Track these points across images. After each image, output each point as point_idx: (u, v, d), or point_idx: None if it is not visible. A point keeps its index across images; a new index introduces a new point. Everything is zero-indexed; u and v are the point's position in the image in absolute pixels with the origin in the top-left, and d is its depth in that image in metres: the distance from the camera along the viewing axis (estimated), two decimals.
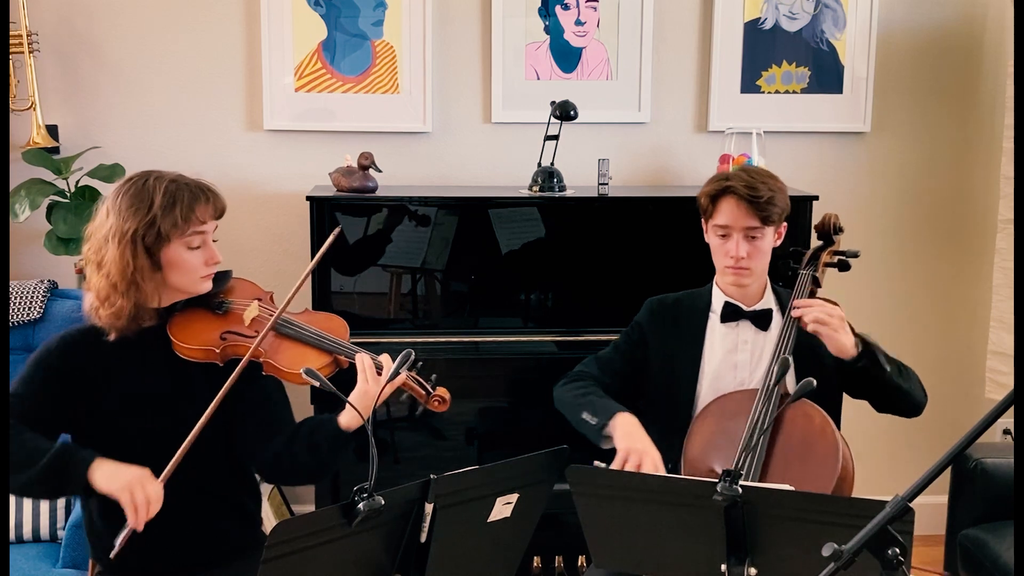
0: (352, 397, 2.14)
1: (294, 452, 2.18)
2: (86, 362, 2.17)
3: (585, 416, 2.43)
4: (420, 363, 2.23)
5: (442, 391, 2.25)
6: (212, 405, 2.08)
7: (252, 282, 2.38)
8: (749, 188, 2.39)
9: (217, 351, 2.18)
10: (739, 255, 2.42)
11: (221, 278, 2.28)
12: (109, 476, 2.03)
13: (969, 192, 3.72)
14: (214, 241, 2.21)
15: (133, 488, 2.01)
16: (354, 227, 3.24)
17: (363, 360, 2.18)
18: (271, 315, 2.23)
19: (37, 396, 2.14)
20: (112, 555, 2.05)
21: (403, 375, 2.19)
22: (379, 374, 2.18)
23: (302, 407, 2.52)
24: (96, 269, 2.14)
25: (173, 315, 2.21)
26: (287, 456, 2.19)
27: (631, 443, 2.30)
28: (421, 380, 2.24)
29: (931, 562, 3.15)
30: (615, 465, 2.27)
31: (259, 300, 2.31)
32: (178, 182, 2.15)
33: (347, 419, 2.16)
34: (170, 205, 2.10)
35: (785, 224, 2.50)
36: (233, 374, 2.11)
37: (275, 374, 2.19)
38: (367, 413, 2.11)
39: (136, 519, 2.01)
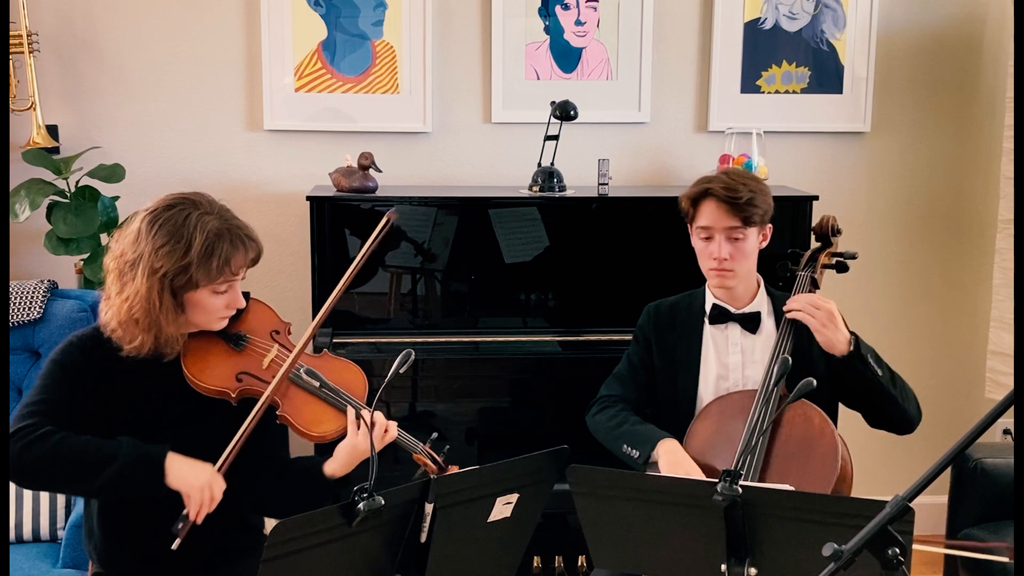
0: (340, 447, 2.12)
1: (280, 492, 2.16)
2: (103, 367, 2.13)
3: (626, 450, 2.43)
4: (435, 434, 2.20)
5: (453, 470, 2.17)
6: (231, 456, 2.06)
7: (270, 308, 2.31)
8: (728, 190, 2.40)
9: (233, 393, 2.13)
10: (721, 256, 2.43)
11: None
12: (184, 473, 2.02)
13: (969, 192, 3.72)
14: (242, 279, 2.16)
15: (204, 489, 2.02)
16: (354, 227, 3.24)
17: (358, 414, 2.13)
18: (287, 356, 2.18)
19: (69, 399, 2.08)
20: (174, 547, 2.03)
21: (419, 449, 2.18)
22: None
23: None
24: (118, 287, 2.08)
25: (187, 341, 2.15)
26: (272, 494, 2.17)
27: (675, 472, 2.30)
28: (434, 455, 2.21)
29: (931, 562, 3.15)
30: None
31: (276, 333, 2.25)
32: (220, 226, 2.06)
33: (332, 467, 2.13)
34: (207, 255, 2.03)
35: (770, 226, 2.51)
36: (250, 423, 2.07)
37: (289, 427, 2.16)
38: (350, 467, 2.13)
39: (198, 515, 2.02)
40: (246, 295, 2.25)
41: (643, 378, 2.60)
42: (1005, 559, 2.28)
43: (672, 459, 2.34)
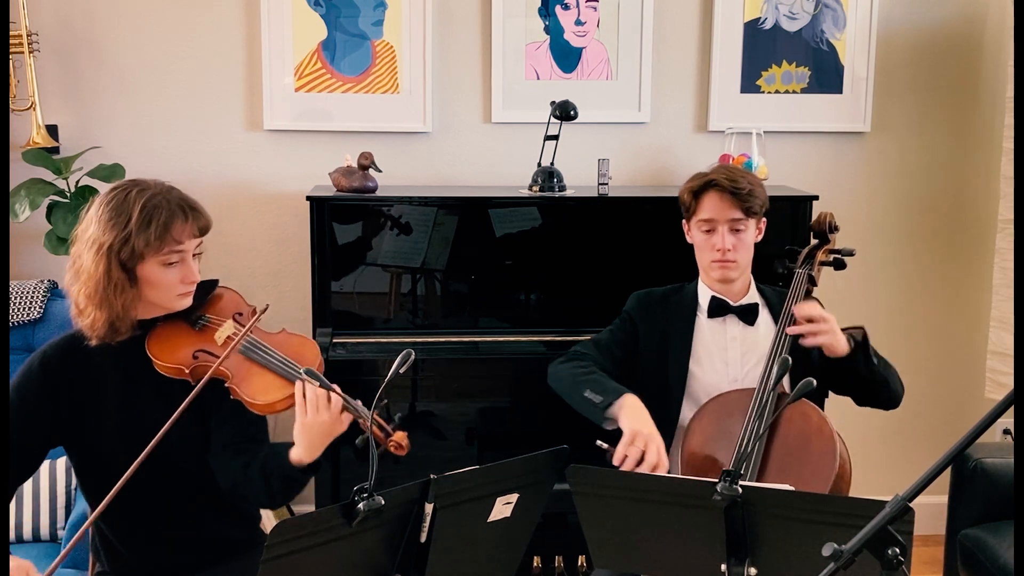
0: (295, 428, 2.04)
1: (250, 478, 2.12)
2: (69, 374, 2.14)
3: (588, 395, 2.41)
4: (385, 400, 2.05)
5: (400, 436, 2.10)
6: (166, 425, 2.00)
7: (238, 293, 2.31)
8: (731, 181, 2.45)
9: (187, 370, 2.12)
10: (725, 247, 2.45)
11: (206, 288, 2.23)
12: None
13: (969, 192, 3.72)
14: (198, 255, 2.15)
15: None
16: (354, 227, 3.24)
17: (300, 388, 2.04)
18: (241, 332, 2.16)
19: (19, 420, 2.11)
20: None
21: (364, 416, 2.06)
22: (328, 403, 2.04)
23: None
24: (75, 276, 2.11)
25: (154, 327, 2.16)
26: (243, 480, 2.13)
27: (639, 426, 2.28)
28: (381, 422, 2.12)
29: (931, 562, 3.15)
30: (621, 445, 2.26)
31: (239, 315, 2.23)
32: (160, 197, 2.08)
33: (298, 454, 2.05)
34: (146, 223, 2.05)
35: (764, 220, 2.54)
36: (192, 392, 2.04)
37: (240, 400, 2.12)
38: (315, 449, 2.03)
39: None
40: (214, 282, 2.26)
41: (619, 354, 2.60)
42: None
43: (634, 413, 2.31)
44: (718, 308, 2.54)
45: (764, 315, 2.56)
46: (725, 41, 3.53)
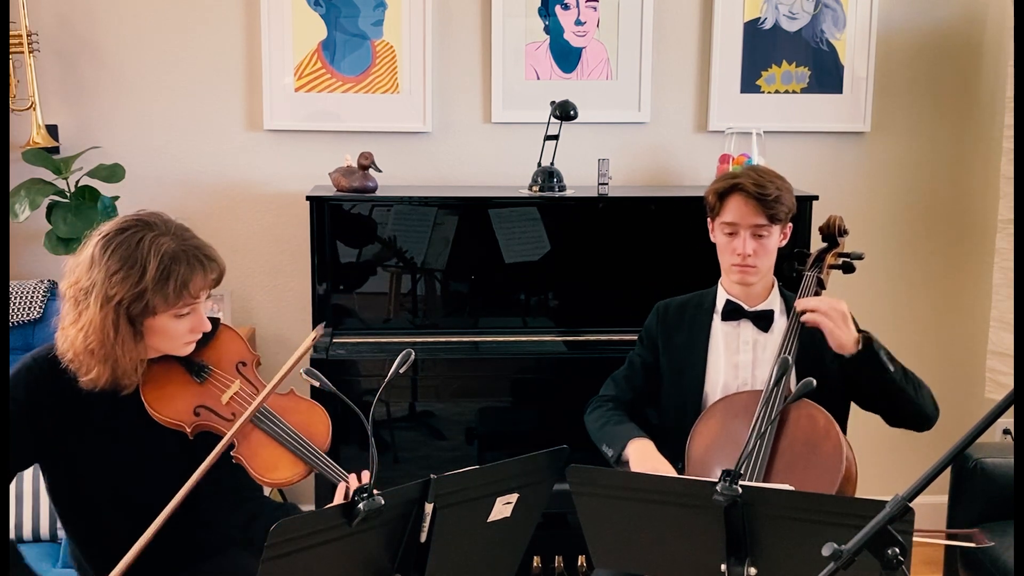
0: None
1: (249, 538, 2.07)
2: (55, 400, 2.02)
3: (604, 449, 2.45)
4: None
5: None
6: (179, 495, 1.89)
7: (240, 336, 2.19)
8: (757, 186, 2.40)
9: (188, 428, 2.03)
10: (746, 252, 2.42)
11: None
12: None
13: (969, 192, 3.72)
14: (207, 299, 2.04)
15: None
16: (354, 227, 3.24)
17: (342, 491, 2.01)
18: (251, 395, 2.08)
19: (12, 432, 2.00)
20: None
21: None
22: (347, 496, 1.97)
23: None
24: (73, 317, 1.98)
25: (148, 368, 2.05)
26: (243, 537, 2.08)
27: (643, 468, 2.31)
28: None
29: (931, 562, 3.15)
30: None
31: (242, 365, 2.14)
32: (176, 246, 1.95)
33: None
34: (163, 279, 1.92)
35: (791, 225, 2.51)
36: (205, 464, 1.93)
37: (245, 468, 2.03)
38: None
39: None
40: (216, 320, 2.15)
41: (640, 379, 2.60)
42: (972, 544, 2.29)
43: (639, 457, 2.35)
44: (733, 312, 2.52)
45: (781, 321, 2.52)
46: (725, 41, 3.53)
